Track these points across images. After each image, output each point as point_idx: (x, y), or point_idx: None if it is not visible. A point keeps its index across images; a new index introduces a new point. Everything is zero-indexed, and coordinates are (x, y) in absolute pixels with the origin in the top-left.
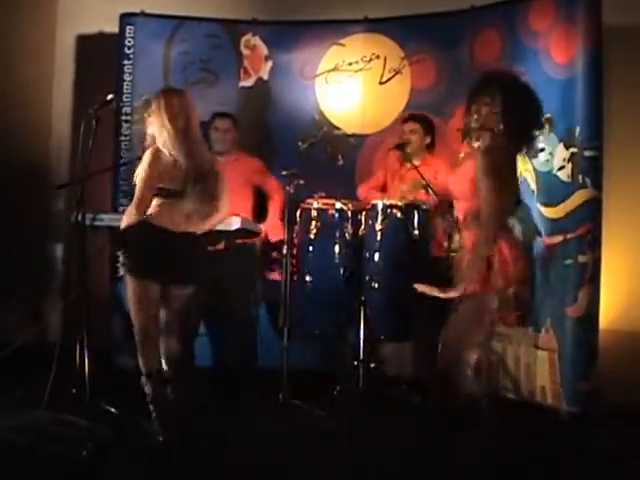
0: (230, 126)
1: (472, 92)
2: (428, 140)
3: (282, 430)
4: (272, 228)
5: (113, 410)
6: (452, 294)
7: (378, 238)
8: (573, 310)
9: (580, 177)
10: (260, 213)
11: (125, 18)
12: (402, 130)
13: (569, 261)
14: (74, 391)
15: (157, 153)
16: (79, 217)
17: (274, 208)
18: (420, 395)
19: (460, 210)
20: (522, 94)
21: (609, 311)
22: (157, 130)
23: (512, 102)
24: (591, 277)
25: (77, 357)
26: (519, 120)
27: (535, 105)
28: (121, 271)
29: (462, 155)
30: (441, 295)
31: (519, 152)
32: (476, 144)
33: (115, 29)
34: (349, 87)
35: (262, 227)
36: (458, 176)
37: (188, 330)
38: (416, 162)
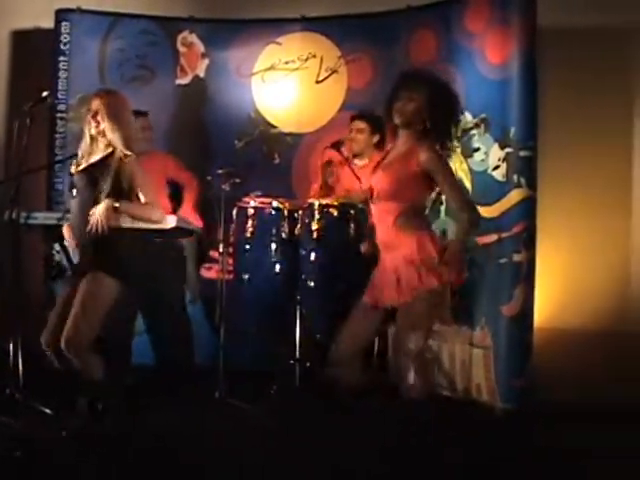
0: (148, 124)
1: (394, 91)
2: (376, 139)
3: (217, 428)
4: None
5: (47, 410)
6: None
7: (314, 237)
8: (508, 308)
9: (515, 177)
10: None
11: (61, 14)
12: (349, 128)
13: (504, 260)
14: (8, 391)
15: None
16: (13, 215)
17: (187, 202)
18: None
19: (392, 211)
20: (443, 91)
21: (543, 309)
22: (118, 131)
23: (435, 98)
24: (526, 276)
25: (11, 357)
26: (441, 116)
27: (455, 102)
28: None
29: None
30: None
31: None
32: (398, 142)
33: (51, 25)
34: (285, 86)
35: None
36: (389, 176)
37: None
38: (364, 161)
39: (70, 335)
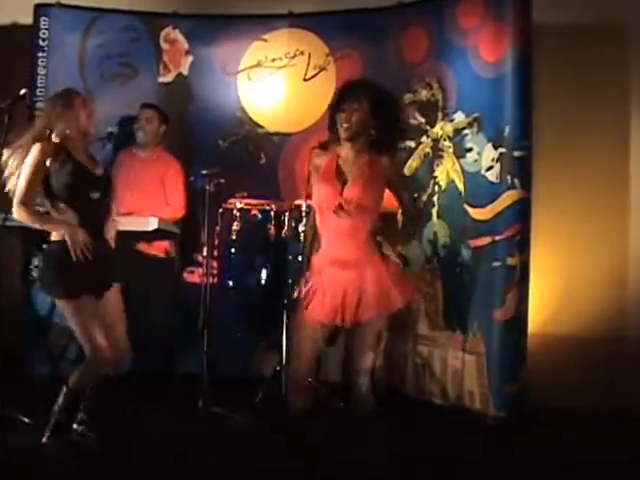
0: (152, 116)
1: (337, 102)
2: None
3: (201, 438)
4: None
5: (25, 419)
6: None
7: (302, 239)
8: (501, 313)
9: (509, 178)
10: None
11: (40, 9)
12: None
13: (497, 263)
14: None
15: None
16: None
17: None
18: (341, 399)
19: (365, 225)
20: (386, 98)
21: (538, 314)
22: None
23: (378, 107)
24: (520, 279)
25: None
26: (386, 124)
27: (398, 109)
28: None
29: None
30: None
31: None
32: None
33: (30, 20)
34: (272, 84)
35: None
36: (365, 189)
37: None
38: None
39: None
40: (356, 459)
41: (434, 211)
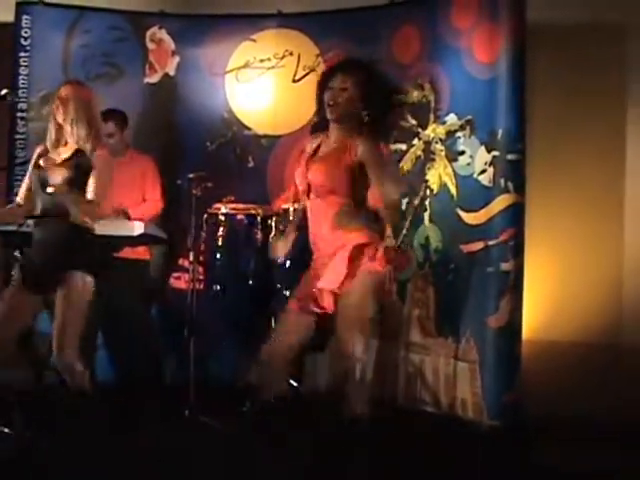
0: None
1: (323, 81)
2: None
3: (187, 448)
4: None
5: (6, 430)
6: None
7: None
8: (495, 320)
9: (502, 181)
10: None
11: (22, 7)
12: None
13: (490, 269)
14: None
15: None
16: None
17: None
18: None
19: (332, 206)
20: (378, 78)
21: (532, 320)
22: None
23: (372, 87)
24: (513, 285)
25: None
26: (380, 107)
27: (392, 90)
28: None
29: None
30: None
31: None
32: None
33: (11, 18)
34: (260, 85)
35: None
36: (328, 169)
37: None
38: None
39: None
40: (345, 469)
41: (426, 215)
